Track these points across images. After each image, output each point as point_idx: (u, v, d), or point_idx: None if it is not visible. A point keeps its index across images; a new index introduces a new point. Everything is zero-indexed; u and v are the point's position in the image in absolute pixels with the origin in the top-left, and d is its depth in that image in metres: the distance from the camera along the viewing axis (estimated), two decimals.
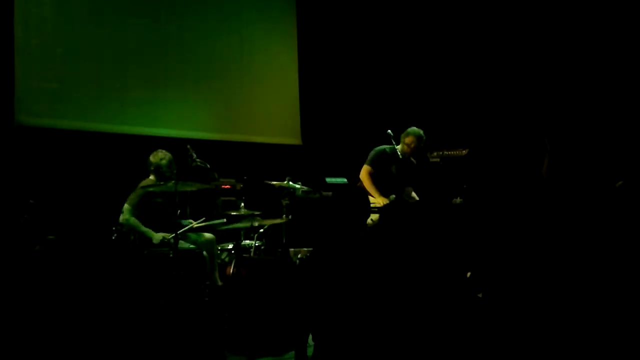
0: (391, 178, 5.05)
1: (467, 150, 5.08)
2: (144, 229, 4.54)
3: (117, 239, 4.71)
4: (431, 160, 5.16)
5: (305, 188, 5.44)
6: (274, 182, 5.29)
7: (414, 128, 5.08)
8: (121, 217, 4.55)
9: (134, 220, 4.53)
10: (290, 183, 5.26)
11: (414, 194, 5.05)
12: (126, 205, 4.55)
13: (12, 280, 4.35)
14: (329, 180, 5.92)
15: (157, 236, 4.49)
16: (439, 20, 6.99)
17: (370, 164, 5.06)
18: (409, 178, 5.10)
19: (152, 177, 4.73)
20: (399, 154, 4.96)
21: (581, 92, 5.86)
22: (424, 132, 5.10)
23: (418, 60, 7.12)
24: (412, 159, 5.17)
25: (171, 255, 4.22)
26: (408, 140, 5.01)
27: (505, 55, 6.40)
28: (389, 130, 5.26)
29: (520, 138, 6.09)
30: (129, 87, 6.03)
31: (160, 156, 4.72)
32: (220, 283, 4.64)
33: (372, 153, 5.12)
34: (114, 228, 4.71)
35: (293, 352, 2.86)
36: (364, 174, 5.04)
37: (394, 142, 5.19)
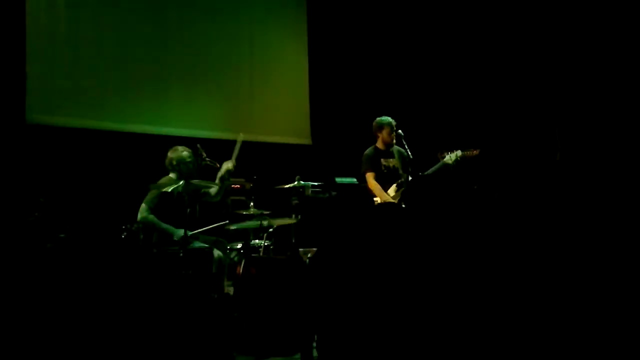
0: (384, 173, 5.23)
1: (478, 150, 5.05)
2: (164, 225, 4.52)
3: (127, 237, 4.71)
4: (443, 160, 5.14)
5: (315, 184, 5.49)
6: (284, 186, 5.31)
7: (378, 118, 5.33)
8: (139, 216, 4.53)
9: (152, 218, 4.51)
10: (301, 182, 5.27)
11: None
12: (143, 205, 4.54)
13: (23, 278, 4.37)
14: (338, 180, 5.89)
15: (179, 232, 4.45)
16: (450, 20, 6.95)
17: (372, 169, 5.18)
18: (405, 166, 5.22)
19: (172, 175, 4.69)
20: (383, 147, 5.27)
21: (591, 89, 5.80)
22: (436, 132, 5.24)
23: (429, 60, 7.08)
24: (400, 148, 5.25)
25: (181, 255, 4.21)
26: (385, 131, 5.23)
27: (515, 55, 6.36)
28: (400, 130, 5.27)
29: (531, 138, 6.07)
30: (139, 86, 6.05)
31: (181, 150, 4.69)
32: (227, 290, 4.61)
33: (365, 159, 5.28)
34: (123, 227, 4.71)
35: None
36: (371, 180, 5.19)
37: (404, 142, 5.19)
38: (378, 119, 5.37)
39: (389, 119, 5.31)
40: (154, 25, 6.20)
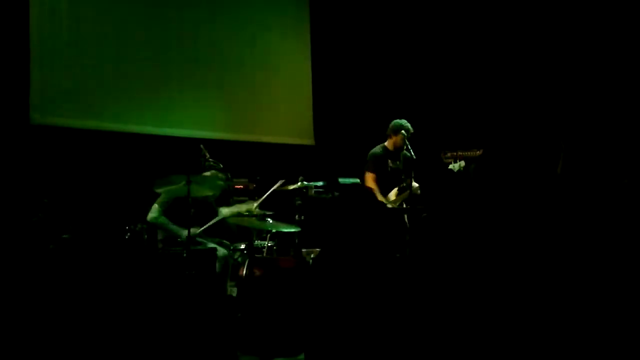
0: (389, 174, 5.21)
1: (481, 151, 5.03)
2: (172, 226, 4.54)
3: (130, 238, 4.71)
4: (445, 160, 5.12)
5: (319, 184, 5.48)
6: (289, 187, 5.31)
7: (398, 121, 5.26)
8: (149, 216, 4.56)
9: (163, 219, 4.54)
10: (305, 183, 5.26)
11: (414, 184, 5.10)
12: (155, 205, 4.56)
13: (26, 279, 4.37)
14: (341, 180, 5.90)
15: (184, 233, 4.46)
16: (453, 20, 6.94)
17: (372, 170, 5.16)
18: (408, 170, 5.16)
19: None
20: (392, 148, 5.25)
21: (596, 92, 5.79)
22: (440, 132, 5.24)
23: (432, 60, 7.08)
24: (406, 152, 5.23)
25: (185, 255, 4.21)
26: (400, 137, 5.18)
27: (520, 55, 6.35)
28: (403, 131, 5.25)
29: (534, 138, 6.03)
30: (142, 86, 6.05)
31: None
32: (230, 292, 4.61)
33: (370, 157, 5.26)
34: (127, 227, 4.72)
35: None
36: (370, 181, 5.19)
37: (408, 143, 5.19)
38: (397, 121, 5.28)
39: (408, 124, 5.23)
40: (156, 27, 6.20)
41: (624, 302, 2.73)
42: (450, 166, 5.04)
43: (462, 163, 5.02)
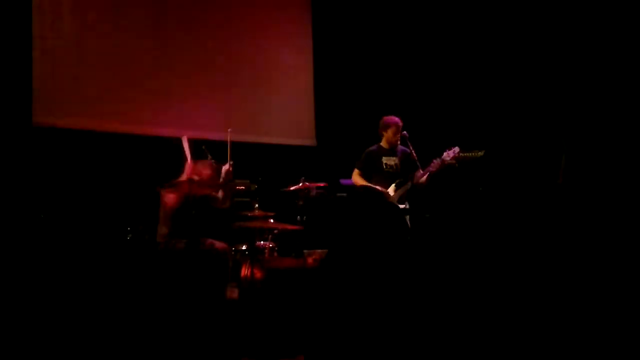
0: (385, 171, 5.14)
1: (483, 152, 5.02)
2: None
3: (132, 238, 4.72)
4: (447, 161, 5.11)
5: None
6: (291, 188, 5.33)
7: (386, 117, 5.25)
8: None
9: None
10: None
11: (420, 175, 5.07)
12: None
13: (29, 280, 4.39)
14: (343, 181, 5.90)
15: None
16: (457, 21, 6.93)
17: (360, 167, 5.22)
18: (408, 166, 5.13)
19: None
20: (387, 146, 5.19)
21: (600, 96, 5.78)
22: (442, 132, 5.25)
23: (434, 61, 7.07)
24: (404, 148, 5.22)
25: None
26: (391, 131, 5.16)
27: (525, 58, 6.33)
28: (405, 132, 5.24)
29: (537, 140, 6.03)
30: (144, 88, 6.07)
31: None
32: (231, 292, 4.61)
33: (363, 155, 5.26)
34: (128, 228, 4.73)
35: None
36: (355, 177, 5.21)
37: (409, 144, 5.18)
38: (385, 117, 5.29)
39: (396, 119, 5.26)
40: (158, 28, 6.22)
41: (623, 301, 2.72)
42: (444, 155, 4.99)
43: (457, 149, 5.00)
